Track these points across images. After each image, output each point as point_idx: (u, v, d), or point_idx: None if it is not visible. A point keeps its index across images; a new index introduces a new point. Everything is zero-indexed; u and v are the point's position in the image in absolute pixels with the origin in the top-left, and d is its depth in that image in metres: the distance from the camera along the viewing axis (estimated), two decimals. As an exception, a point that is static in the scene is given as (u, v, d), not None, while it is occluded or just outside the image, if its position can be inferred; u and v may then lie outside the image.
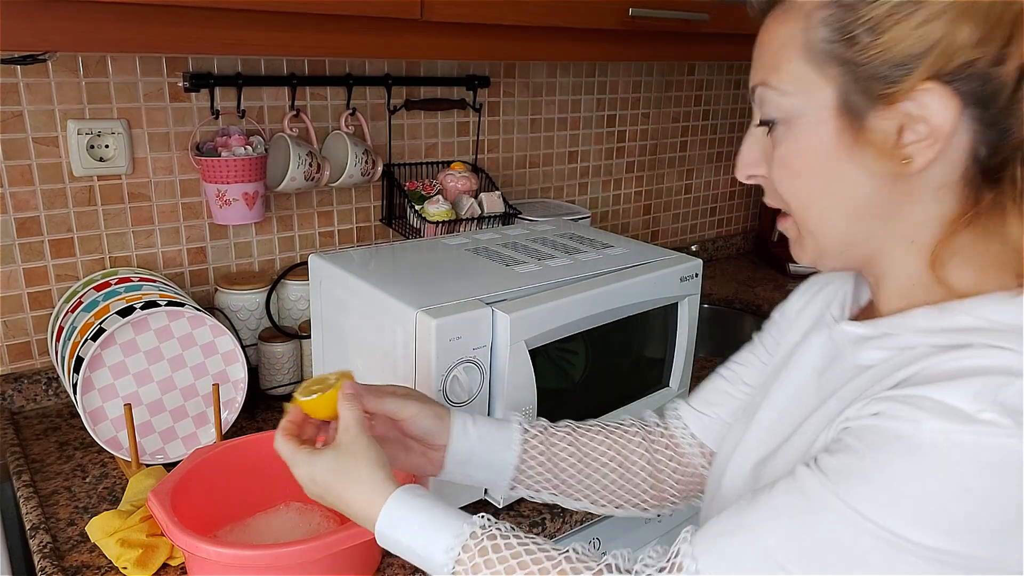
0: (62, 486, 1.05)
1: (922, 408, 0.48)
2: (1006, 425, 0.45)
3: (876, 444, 0.50)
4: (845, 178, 0.57)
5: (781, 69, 0.57)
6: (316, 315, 1.14)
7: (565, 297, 0.99)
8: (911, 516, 0.47)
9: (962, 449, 0.46)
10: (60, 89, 1.17)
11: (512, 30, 1.19)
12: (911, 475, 0.47)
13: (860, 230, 0.59)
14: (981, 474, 0.45)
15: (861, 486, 0.49)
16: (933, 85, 0.51)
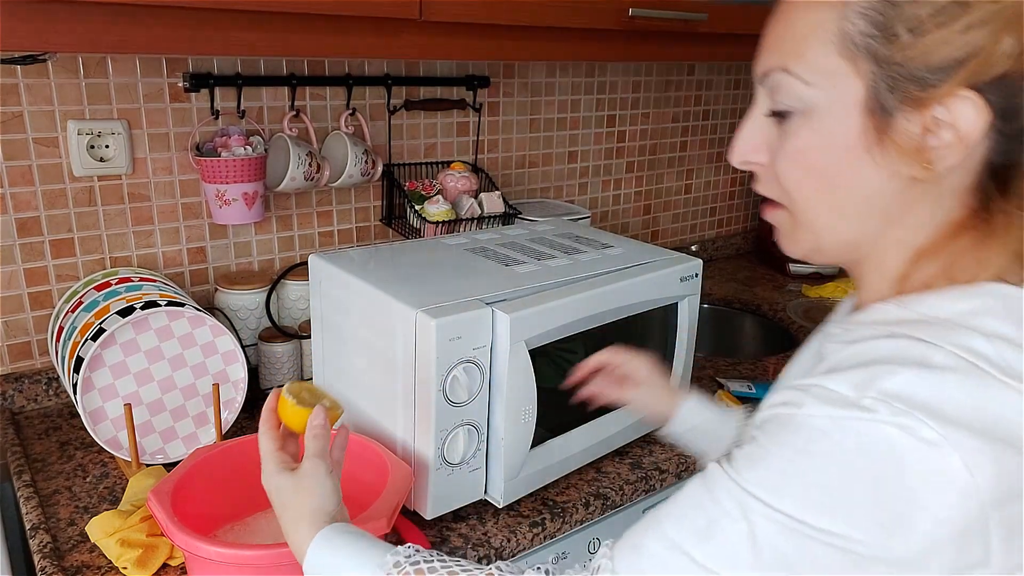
0: (62, 486, 1.05)
1: (811, 394, 0.50)
2: (882, 411, 0.46)
3: (771, 431, 0.51)
4: (861, 177, 0.55)
5: (807, 57, 0.54)
6: (316, 315, 1.14)
7: (565, 297, 1.00)
8: (799, 497, 0.48)
9: (842, 434, 0.47)
10: (60, 89, 1.17)
11: (512, 30, 1.19)
12: (798, 458, 0.49)
13: (864, 230, 0.58)
14: (862, 457, 0.47)
15: (754, 470, 0.51)
16: (968, 93, 0.50)
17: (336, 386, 1.12)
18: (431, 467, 0.94)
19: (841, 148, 0.55)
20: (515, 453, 0.99)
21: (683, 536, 0.52)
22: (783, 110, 0.57)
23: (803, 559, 0.48)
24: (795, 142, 0.56)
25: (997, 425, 0.47)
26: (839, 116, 0.54)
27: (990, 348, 0.49)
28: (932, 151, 0.52)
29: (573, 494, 1.07)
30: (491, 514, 1.03)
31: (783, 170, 0.58)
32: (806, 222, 0.59)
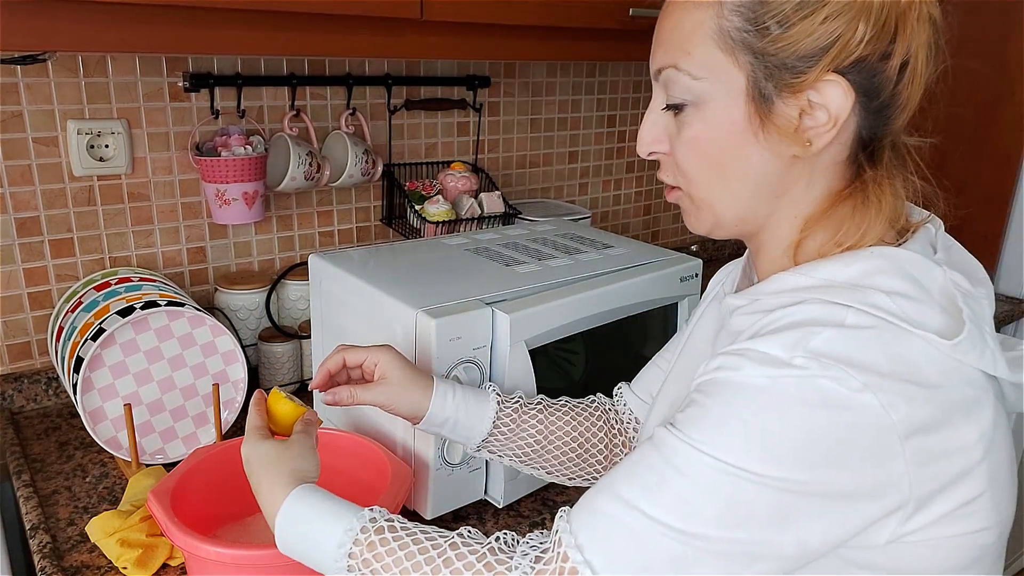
0: (62, 486, 1.05)
1: (747, 358, 0.55)
2: (813, 368, 0.52)
3: (713, 392, 0.56)
4: (750, 158, 0.61)
5: (692, 53, 0.60)
6: (316, 315, 1.14)
7: (565, 297, 0.99)
8: (746, 448, 0.52)
9: (781, 389, 0.52)
10: (60, 89, 1.17)
11: (512, 30, 1.19)
12: (742, 414, 0.53)
13: (757, 205, 0.63)
14: (798, 409, 0.52)
15: (701, 428, 0.54)
16: (834, 77, 0.57)
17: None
18: (431, 467, 0.94)
19: (729, 134, 0.60)
20: (515, 453, 0.99)
21: (635, 494, 0.55)
22: (677, 103, 0.62)
23: (751, 505, 0.52)
24: (689, 131, 0.62)
25: (908, 368, 0.53)
26: (725, 105, 0.60)
27: (891, 303, 0.55)
28: (809, 131, 0.58)
29: (573, 494, 1.07)
30: (491, 514, 1.03)
31: (681, 157, 0.64)
32: (704, 202, 0.65)
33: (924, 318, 0.55)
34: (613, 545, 0.55)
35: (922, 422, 0.52)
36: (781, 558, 0.53)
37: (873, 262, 0.58)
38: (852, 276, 0.58)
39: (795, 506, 0.52)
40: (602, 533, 0.55)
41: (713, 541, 0.52)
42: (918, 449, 0.52)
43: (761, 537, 0.53)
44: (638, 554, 0.54)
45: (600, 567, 0.54)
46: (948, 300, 0.58)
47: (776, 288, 0.62)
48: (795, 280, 0.61)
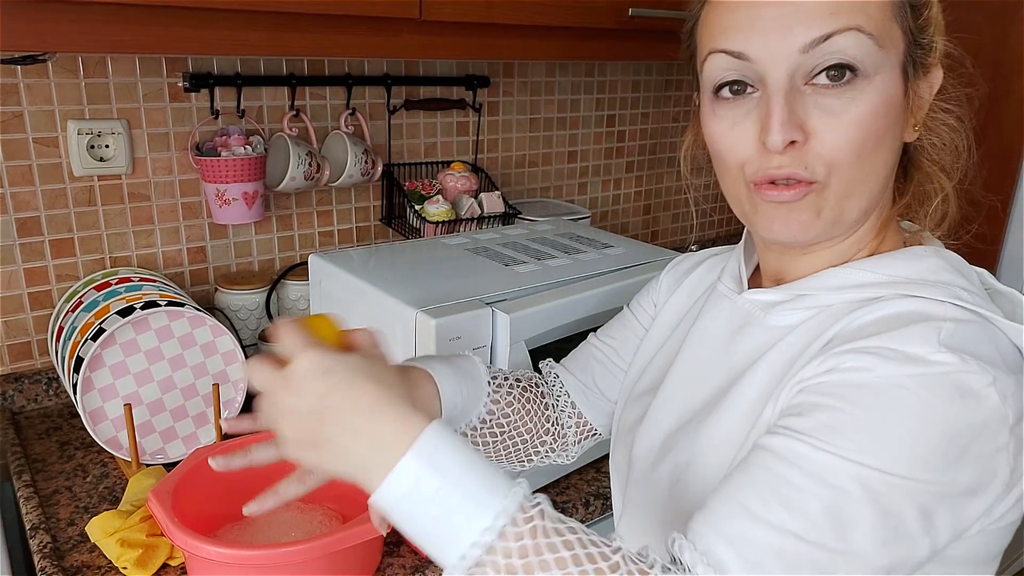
0: (62, 486, 1.05)
1: (879, 356, 0.52)
2: (955, 363, 0.50)
3: (845, 396, 0.52)
4: (894, 139, 0.58)
5: (873, 17, 0.54)
6: (316, 315, 1.14)
7: (565, 297, 1.00)
8: (896, 453, 0.49)
9: (924, 387, 0.50)
10: (60, 89, 1.17)
11: (511, 29, 1.19)
12: (887, 417, 0.50)
13: (878, 195, 0.60)
14: (941, 407, 0.50)
15: (846, 435, 0.50)
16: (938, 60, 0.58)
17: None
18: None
19: (893, 109, 0.56)
20: (515, 453, 0.99)
21: (781, 516, 0.49)
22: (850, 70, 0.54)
23: (901, 513, 0.49)
24: (860, 108, 0.55)
25: (1004, 359, 0.53)
26: (893, 76, 0.56)
27: (970, 298, 0.55)
28: (920, 113, 0.58)
29: (573, 494, 1.07)
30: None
31: (840, 139, 0.55)
32: (841, 191, 0.57)
33: (993, 311, 0.56)
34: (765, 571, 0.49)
35: (1020, 412, 0.52)
36: (916, 564, 0.52)
37: (933, 260, 0.58)
38: (919, 273, 0.57)
39: (935, 508, 0.50)
40: (751, 562, 0.49)
41: (867, 557, 0.49)
42: (1018, 439, 0.52)
43: (909, 547, 0.50)
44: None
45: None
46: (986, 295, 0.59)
47: (834, 283, 0.60)
48: (857, 276, 0.59)
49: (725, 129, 0.59)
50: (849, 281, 0.59)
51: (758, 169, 0.58)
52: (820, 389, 0.53)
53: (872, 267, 0.59)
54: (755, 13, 0.56)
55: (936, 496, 0.50)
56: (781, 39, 0.55)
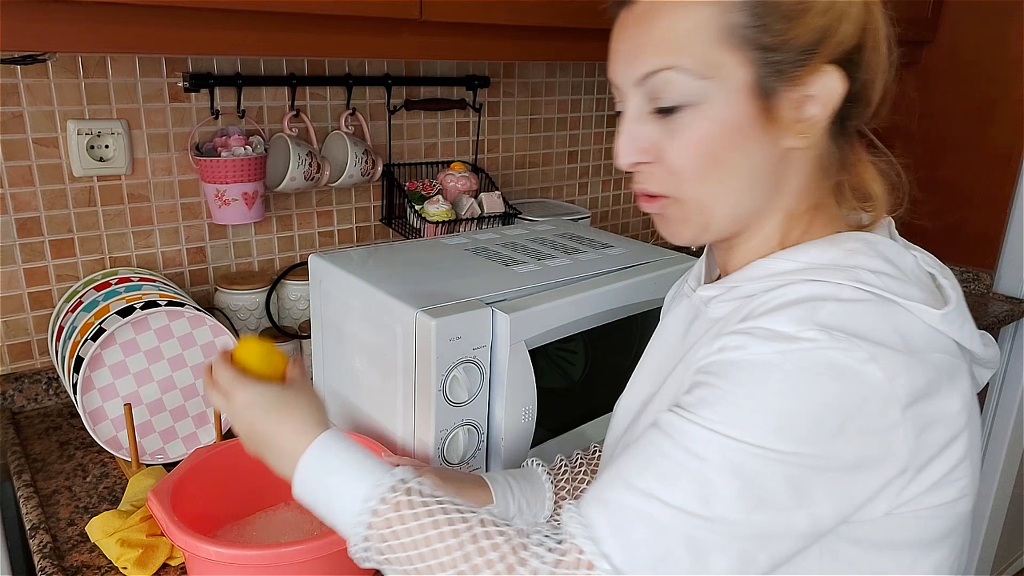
0: (62, 486, 1.05)
1: (754, 336, 0.55)
2: (823, 339, 0.53)
3: (721, 372, 0.56)
4: (752, 154, 0.61)
5: (693, 53, 0.59)
6: (316, 315, 1.14)
7: (565, 297, 0.99)
8: (763, 426, 0.53)
9: (792, 364, 0.53)
10: (60, 90, 1.17)
11: (511, 30, 1.19)
12: (755, 392, 0.54)
13: (752, 202, 0.64)
14: (810, 383, 0.53)
15: (715, 409, 0.54)
16: (829, 67, 0.59)
17: (336, 386, 1.12)
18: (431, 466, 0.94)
19: (732, 131, 0.60)
20: (515, 453, 0.99)
21: (649, 482, 0.54)
22: (672, 106, 0.61)
23: (768, 484, 0.52)
24: (689, 133, 0.61)
25: (903, 339, 0.55)
26: (728, 103, 0.60)
27: (878, 280, 0.57)
28: (805, 122, 0.60)
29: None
30: (491, 514, 1.02)
31: (678, 160, 0.62)
32: (698, 204, 0.64)
33: (908, 293, 0.57)
34: (631, 536, 0.53)
35: (919, 390, 0.54)
36: (796, 537, 0.54)
37: (852, 244, 0.61)
38: (834, 258, 0.60)
39: (810, 481, 0.52)
40: (618, 525, 0.54)
41: (732, 524, 0.52)
42: (916, 417, 0.54)
43: (778, 517, 0.53)
44: (657, 544, 0.52)
45: (619, 560, 0.52)
46: (920, 280, 0.60)
47: (757, 274, 0.63)
48: (777, 265, 0.62)
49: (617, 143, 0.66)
50: (769, 270, 0.63)
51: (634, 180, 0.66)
52: (705, 368, 0.58)
53: (790, 255, 0.62)
54: (616, 45, 0.65)
55: (809, 469, 0.52)
56: (623, 72, 0.63)
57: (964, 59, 1.92)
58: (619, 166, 0.65)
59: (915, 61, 1.98)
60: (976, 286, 1.99)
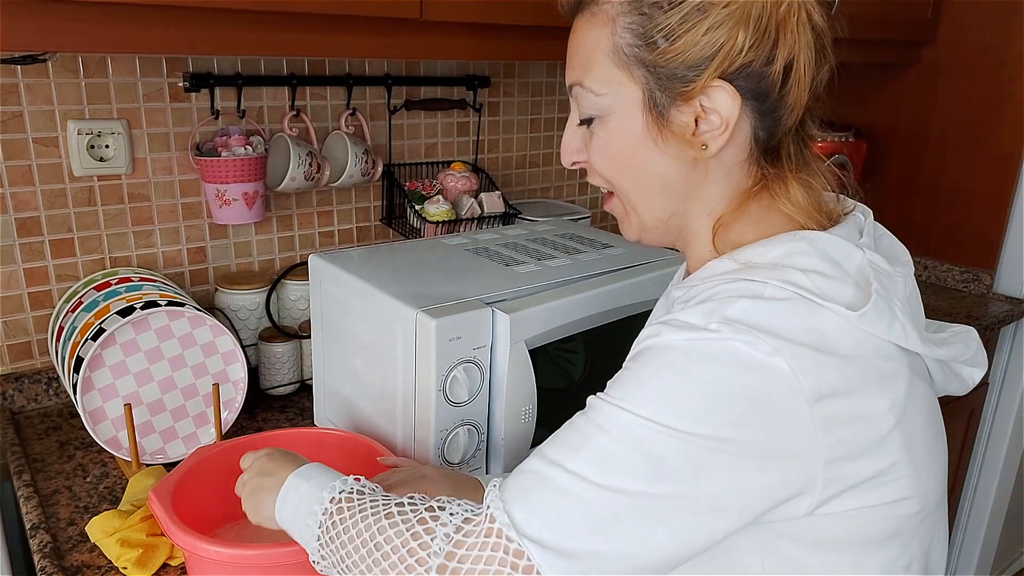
0: (62, 486, 1.05)
1: (668, 325, 0.59)
2: (724, 331, 0.56)
3: (637, 359, 0.60)
4: (654, 163, 0.66)
5: (593, 71, 0.65)
6: (316, 315, 1.14)
7: (565, 297, 1.00)
8: (662, 404, 0.56)
9: (695, 350, 0.56)
10: (60, 89, 1.17)
11: (512, 30, 1.19)
12: (658, 373, 0.57)
13: (669, 207, 0.68)
14: (710, 369, 0.55)
15: (622, 389, 0.58)
16: (720, 83, 0.61)
17: (336, 386, 1.12)
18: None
19: (631, 141, 0.65)
20: (515, 453, 0.99)
21: (558, 453, 0.58)
22: (585, 117, 0.68)
23: (665, 459, 0.55)
24: (597, 141, 0.68)
25: (819, 337, 0.57)
26: (625, 116, 0.65)
27: (806, 280, 0.59)
28: (704, 135, 0.63)
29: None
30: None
31: (597, 163, 0.69)
32: (630, 205, 0.70)
33: (836, 293, 0.59)
34: (534, 500, 0.57)
35: (830, 387, 0.56)
36: (696, 513, 0.56)
37: (795, 244, 0.62)
38: (773, 257, 0.62)
39: (707, 461, 0.55)
40: (526, 490, 0.58)
41: (630, 495, 0.55)
42: (826, 413, 0.55)
43: (675, 491, 0.55)
44: (559, 509, 0.56)
45: (521, 521, 0.56)
46: (863, 278, 0.61)
47: (708, 274, 0.66)
48: (723, 264, 0.65)
49: None
50: (715, 270, 0.65)
51: None
52: (631, 355, 0.62)
53: (736, 255, 0.64)
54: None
55: (707, 449, 0.54)
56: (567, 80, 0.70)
57: (964, 59, 1.92)
58: (563, 164, 0.72)
59: (915, 61, 1.98)
60: (976, 286, 1.99)
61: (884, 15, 1.75)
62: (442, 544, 0.59)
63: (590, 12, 0.66)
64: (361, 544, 0.63)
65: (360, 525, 0.64)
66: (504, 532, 0.56)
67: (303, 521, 0.69)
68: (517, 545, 0.56)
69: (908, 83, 2.02)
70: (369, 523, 0.64)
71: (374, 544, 0.62)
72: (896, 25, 1.83)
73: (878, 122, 2.07)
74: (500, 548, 0.56)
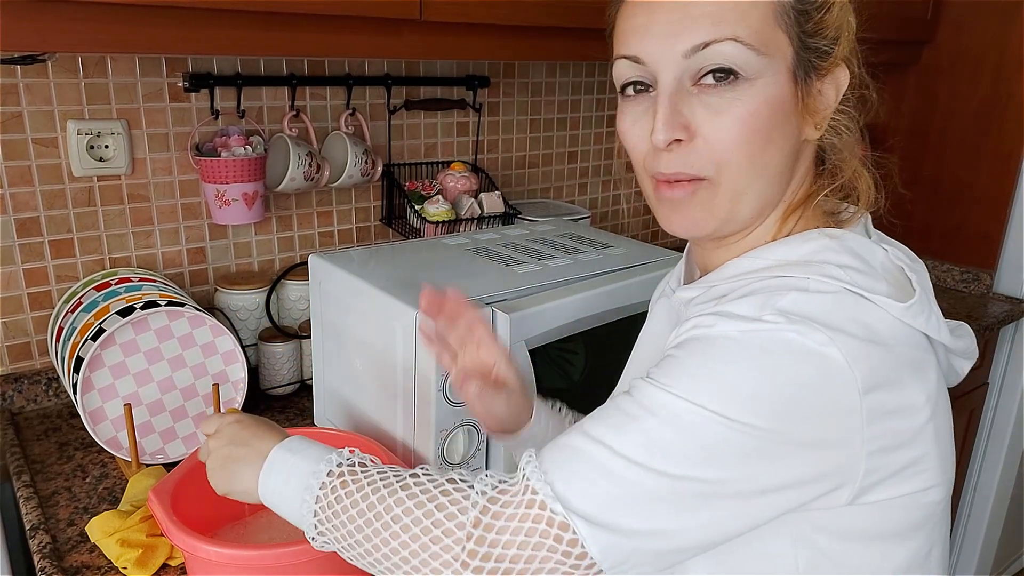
0: (62, 486, 1.05)
1: (720, 316, 0.58)
2: (780, 322, 0.55)
3: (686, 346, 0.58)
4: (786, 137, 0.62)
5: (753, 27, 0.59)
6: (316, 315, 1.14)
7: (565, 297, 0.99)
8: (715, 391, 0.55)
9: (750, 340, 0.55)
10: (60, 89, 1.17)
11: (512, 30, 1.19)
12: (712, 362, 0.56)
13: (777, 191, 0.64)
14: (765, 358, 0.55)
15: (673, 375, 0.57)
16: (842, 63, 0.62)
17: (336, 386, 1.12)
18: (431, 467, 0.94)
19: (777, 111, 0.60)
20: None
21: (602, 431, 0.57)
22: (728, 78, 0.59)
23: (714, 445, 0.54)
24: (740, 107, 0.59)
25: (866, 329, 0.56)
26: (776, 81, 0.60)
27: (844, 275, 0.59)
28: (822, 114, 0.62)
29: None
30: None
31: (725, 137, 0.60)
32: (734, 189, 0.62)
33: (875, 287, 0.59)
34: (577, 475, 0.56)
35: (879, 379, 0.56)
36: (740, 498, 0.55)
37: (821, 241, 0.62)
38: (803, 255, 0.62)
39: (755, 449, 0.54)
40: (568, 465, 0.56)
41: (675, 478, 0.54)
42: (874, 405, 0.55)
43: (720, 476, 0.54)
44: (601, 486, 0.55)
45: (564, 493, 0.55)
46: (890, 274, 0.62)
47: (732, 273, 0.64)
48: (749, 263, 0.64)
49: (628, 125, 0.66)
50: (742, 268, 0.64)
51: (653, 165, 0.64)
52: (675, 343, 0.60)
53: (763, 253, 0.64)
54: (649, 19, 0.61)
55: (756, 438, 0.54)
56: (668, 44, 0.60)
57: (964, 59, 1.92)
58: (656, 143, 0.61)
59: (915, 61, 1.98)
60: (976, 286, 1.99)
61: (884, 15, 1.75)
62: (476, 515, 0.57)
63: None
64: (375, 517, 0.60)
65: (372, 497, 0.61)
66: (548, 504, 0.55)
67: (298, 496, 0.65)
68: (562, 518, 0.54)
69: (908, 83, 2.02)
70: (383, 495, 0.61)
71: (391, 517, 0.60)
72: (896, 25, 1.83)
73: (878, 122, 2.07)
74: (543, 520, 0.55)
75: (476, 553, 0.56)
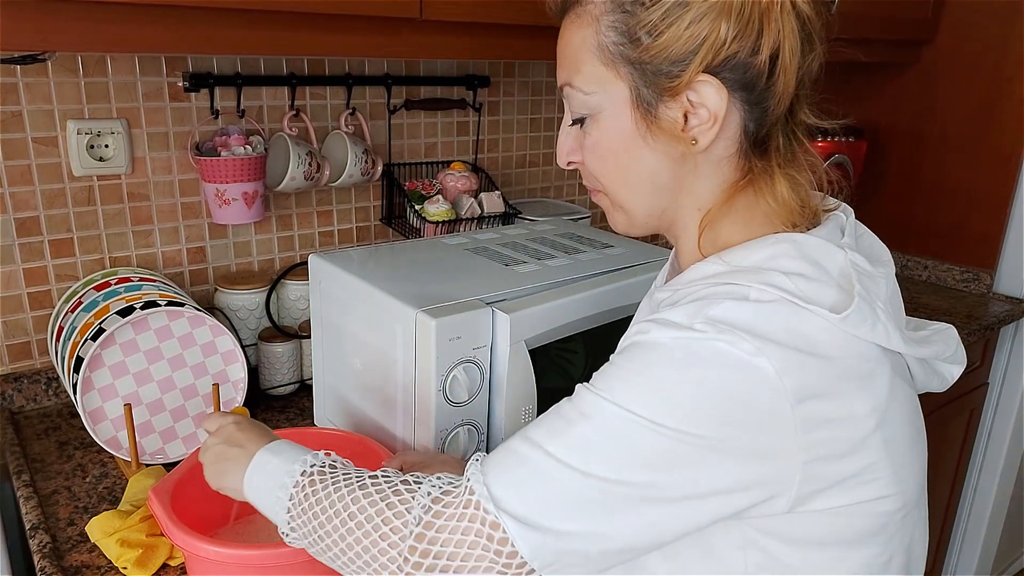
0: (62, 486, 1.05)
1: (656, 323, 0.60)
2: (708, 331, 0.57)
3: (626, 352, 0.61)
4: (644, 160, 0.66)
5: (581, 71, 0.65)
6: (316, 315, 1.14)
7: (565, 297, 0.99)
8: (645, 397, 0.57)
9: (680, 347, 0.57)
10: (59, 89, 1.17)
11: (511, 29, 1.19)
12: (643, 368, 0.58)
13: (659, 202, 0.69)
14: (693, 366, 0.56)
15: (607, 380, 0.60)
16: (706, 77, 0.61)
17: (336, 386, 1.12)
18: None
19: (621, 140, 0.66)
20: (515, 453, 0.99)
21: (540, 435, 0.60)
22: (577, 117, 0.69)
23: (644, 450, 0.56)
24: (589, 140, 0.68)
25: (802, 339, 0.57)
26: (614, 114, 0.65)
27: (790, 283, 0.59)
28: (693, 130, 0.63)
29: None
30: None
31: (589, 163, 0.70)
32: (617, 202, 0.71)
33: (819, 296, 0.59)
34: (514, 478, 0.59)
35: (812, 389, 0.56)
36: (668, 503, 0.57)
37: (778, 247, 0.63)
38: (758, 260, 0.63)
39: (683, 455, 0.56)
40: (505, 467, 0.60)
41: (605, 481, 0.56)
42: (808, 415, 0.56)
43: (649, 480, 0.56)
44: (536, 488, 0.58)
45: (498, 495, 0.58)
46: (846, 280, 0.62)
47: (693, 277, 0.66)
48: (710, 268, 0.65)
49: None
50: (700, 273, 0.66)
51: None
52: (619, 349, 0.63)
53: (722, 258, 0.65)
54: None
55: (685, 444, 0.55)
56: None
57: (964, 59, 1.92)
58: (559, 164, 0.74)
59: (915, 61, 1.98)
60: (976, 286, 1.99)
61: (884, 15, 1.75)
62: (420, 514, 0.61)
63: (575, 13, 0.66)
64: (335, 514, 0.64)
65: (333, 496, 0.65)
66: (482, 504, 0.59)
67: (273, 493, 0.69)
68: (494, 517, 0.58)
69: (908, 83, 2.02)
70: (343, 494, 0.65)
71: (348, 514, 0.64)
72: (896, 25, 1.83)
73: (878, 122, 2.07)
74: (477, 519, 0.59)
75: (416, 550, 0.60)
